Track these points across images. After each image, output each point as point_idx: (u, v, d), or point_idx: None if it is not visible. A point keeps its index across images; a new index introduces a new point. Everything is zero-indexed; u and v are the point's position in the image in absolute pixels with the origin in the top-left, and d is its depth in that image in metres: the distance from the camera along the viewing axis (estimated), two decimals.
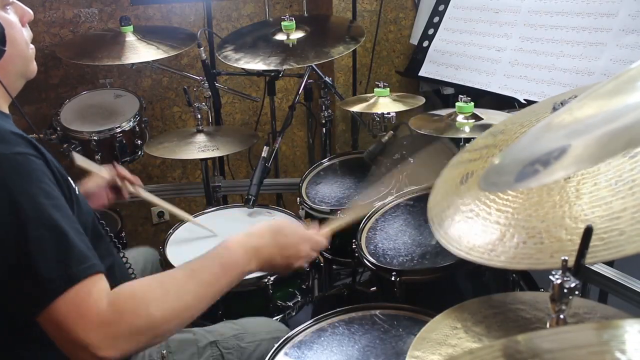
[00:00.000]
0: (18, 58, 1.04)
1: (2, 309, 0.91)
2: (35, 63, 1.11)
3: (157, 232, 2.76)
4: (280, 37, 2.10)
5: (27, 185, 0.88)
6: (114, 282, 0.94)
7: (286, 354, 1.15)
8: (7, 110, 1.05)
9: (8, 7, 1.03)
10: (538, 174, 0.57)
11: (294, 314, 1.58)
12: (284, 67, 1.97)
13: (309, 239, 1.17)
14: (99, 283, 0.90)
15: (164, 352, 1.19)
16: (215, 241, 1.62)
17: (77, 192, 1.05)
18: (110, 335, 0.86)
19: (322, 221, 1.38)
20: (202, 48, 2.10)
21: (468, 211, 0.93)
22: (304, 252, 1.14)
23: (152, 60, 2.11)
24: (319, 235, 1.21)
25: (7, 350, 0.97)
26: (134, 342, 0.89)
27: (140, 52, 2.07)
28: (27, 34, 1.07)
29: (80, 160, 1.55)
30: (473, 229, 0.89)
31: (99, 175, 1.53)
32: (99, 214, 1.21)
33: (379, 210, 1.58)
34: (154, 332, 0.91)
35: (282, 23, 2.08)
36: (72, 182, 1.04)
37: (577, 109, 0.64)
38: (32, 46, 1.09)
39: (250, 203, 1.80)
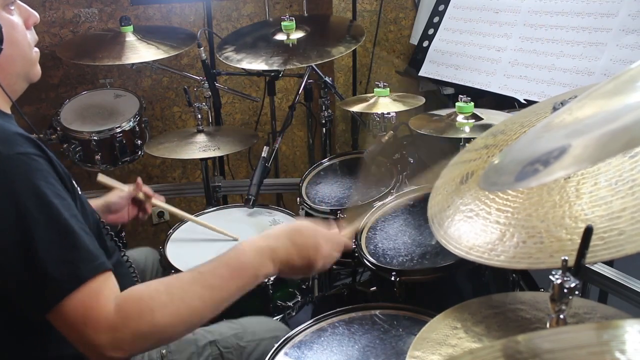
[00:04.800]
0: (19, 59, 1.03)
1: (12, 306, 0.92)
2: (39, 66, 1.09)
3: (157, 232, 2.76)
4: (280, 37, 2.10)
5: (32, 185, 0.89)
6: (118, 282, 0.95)
7: (286, 354, 1.15)
8: (9, 111, 1.05)
9: (12, 8, 1.02)
10: (538, 174, 0.57)
11: (294, 314, 1.58)
12: (285, 67, 1.97)
13: (329, 238, 1.11)
14: (107, 282, 0.91)
15: (164, 351, 1.19)
16: (218, 242, 1.64)
17: (79, 192, 1.05)
18: (117, 338, 0.88)
19: (340, 219, 1.33)
20: (202, 48, 2.10)
21: (468, 211, 0.93)
22: (324, 251, 1.07)
23: (152, 60, 2.11)
24: (341, 236, 1.17)
25: (17, 344, 0.98)
26: (140, 345, 0.91)
27: (140, 52, 2.06)
28: (31, 36, 1.07)
29: (102, 177, 1.57)
30: (473, 229, 0.89)
31: (121, 190, 1.55)
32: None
33: (379, 210, 1.58)
34: (159, 336, 0.92)
35: (282, 23, 2.08)
36: (74, 182, 1.04)
37: (577, 109, 0.64)
38: (36, 49, 1.08)
39: (250, 203, 1.80)
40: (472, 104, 1.64)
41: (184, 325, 0.94)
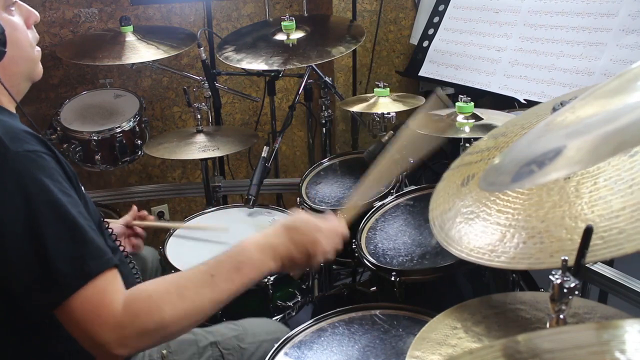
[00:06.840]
0: (21, 60, 1.03)
1: (15, 304, 0.92)
2: (41, 65, 1.10)
3: (157, 232, 2.76)
4: (280, 37, 2.10)
5: (42, 182, 0.90)
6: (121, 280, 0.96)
7: (286, 354, 1.15)
8: (14, 111, 1.06)
9: (12, 8, 1.02)
10: (533, 175, 0.57)
11: (294, 314, 1.58)
12: (285, 67, 1.97)
13: (327, 231, 1.12)
14: (114, 279, 0.92)
15: (164, 352, 1.19)
16: (217, 241, 1.64)
17: (83, 191, 1.05)
18: (124, 336, 0.89)
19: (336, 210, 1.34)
20: (202, 48, 2.10)
21: (469, 213, 0.93)
22: (323, 245, 1.10)
23: (152, 60, 2.11)
24: (339, 226, 1.17)
25: (18, 343, 0.98)
26: (144, 342, 0.92)
27: (140, 52, 2.06)
28: (32, 35, 1.06)
29: None
30: (474, 230, 0.89)
31: (116, 222, 1.56)
32: None
33: (379, 210, 1.58)
34: (164, 332, 0.93)
35: (282, 23, 2.08)
36: (79, 181, 1.04)
37: (580, 107, 0.64)
38: (37, 48, 1.08)
39: (250, 203, 1.80)
40: (472, 104, 1.64)
41: (189, 324, 0.96)
